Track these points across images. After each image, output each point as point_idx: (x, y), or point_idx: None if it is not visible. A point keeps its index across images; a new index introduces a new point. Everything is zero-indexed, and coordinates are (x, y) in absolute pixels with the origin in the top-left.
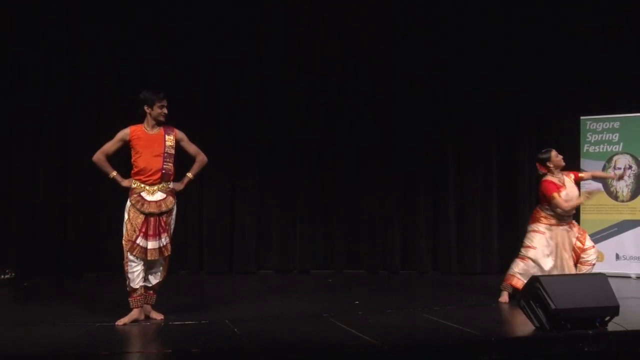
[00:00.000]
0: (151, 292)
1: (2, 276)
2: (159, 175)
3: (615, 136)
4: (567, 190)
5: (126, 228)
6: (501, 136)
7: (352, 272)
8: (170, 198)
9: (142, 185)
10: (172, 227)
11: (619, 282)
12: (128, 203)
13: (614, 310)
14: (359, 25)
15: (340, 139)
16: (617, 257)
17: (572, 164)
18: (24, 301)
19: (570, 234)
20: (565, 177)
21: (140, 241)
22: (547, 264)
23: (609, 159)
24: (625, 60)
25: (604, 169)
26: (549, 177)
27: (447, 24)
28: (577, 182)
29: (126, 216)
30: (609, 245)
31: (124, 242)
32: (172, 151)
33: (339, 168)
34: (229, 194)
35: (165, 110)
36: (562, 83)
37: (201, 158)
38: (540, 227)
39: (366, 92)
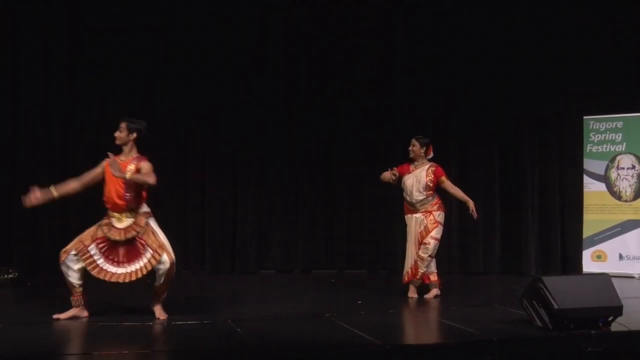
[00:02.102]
0: (156, 290)
1: (5, 276)
2: (122, 205)
3: (619, 136)
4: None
5: (88, 232)
6: (502, 136)
7: (353, 272)
8: (138, 220)
9: (112, 213)
10: (160, 235)
11: (622, 282)
12: (102, 221)
13: (617, 311)
14: (360, 27)
15: (341, 139)
16: (621, 257)
17: (575, 164)
18: (26, 301)
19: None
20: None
21: (94, 252)
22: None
23: (612, 159)
24: (628, 60)
25: (607, 169)
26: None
27: (448, 24)
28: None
29: (95, 226)
30: (612, 245)
31: (73, 241)
32: (132, 184)
33: (340, 168)
34: (230, 194)
35: (116, 133)
36: (564, 82)
37: (150, 178)
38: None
39: (367, 92)
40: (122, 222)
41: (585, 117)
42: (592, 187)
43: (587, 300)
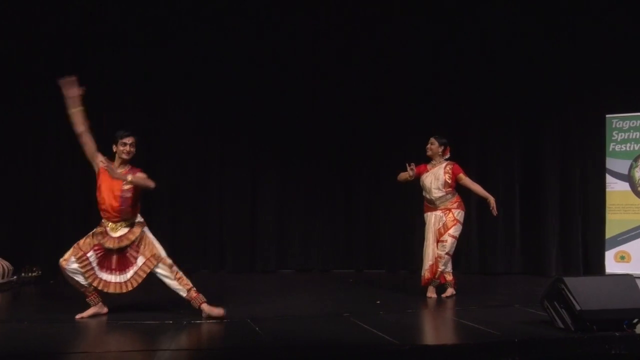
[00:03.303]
0: (191, 297)
1: (30, 274)
2: (118, 214)
3: None
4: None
5: (84, 241)
6: (523, 135)
7: (372, 271)
8: (133, 229)
9: (106, 222)
10: (154, 243)
11: None
12: (96, 229)
13: None
14: (379, 25)
15: (361, 139)
16: None
17: (597, 164)
18: (49, 298)
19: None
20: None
21: (92, 259)
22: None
23: (636, 158)
24: None
25: (631, 168)
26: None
27: (469, 22)
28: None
29: (90, 234)
30: (637, 246)
31: (73, 246)
32: (129, 195)
33: (360, 168)
34: (250, 193)
35: (127, 148)
36: (586, 81)
37: (150, 182)
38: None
39: (387, 93)
40: (117, 232)
41: (608, 116)
42: (615, 187)
43: (610, 302)
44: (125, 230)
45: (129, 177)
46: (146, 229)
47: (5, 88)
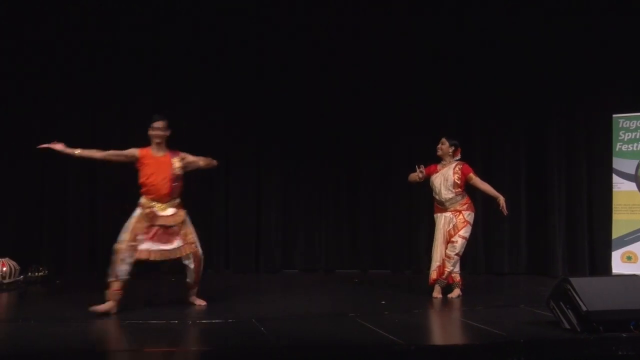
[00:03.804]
0: (189, 286)
1: (36, 274)
2: (168, 195)
3: None
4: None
5: (129, 229)
6: (529, 135)
7: (377, 271)
8: (180, 212)
9: (153, 202)
10: (193, 232)
11: None
12: (138, 212)
13: None
14: (384, 26)
15: (367, 139)
16: None
17: (604, 164)
18: (56, 298)
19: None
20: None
21: (138, 239)
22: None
23: None
24: None
25: (638, 167)
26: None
27: (475, 22)
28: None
29: (132, 221)
30: None
31: (119, 239)
32: (180, 172)
33: (364, 168)
34: (255, 193)
35: (158, 132)
36: (593, 81)
37: (209, 161)
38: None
39: (392, 92)
40: (166, 211)
41: (614, 116)
42: (621, 187)
43: (617, 302)
44: (173, 210)
45: (215, 162)
46: (186, 215)
47: (10, 89)
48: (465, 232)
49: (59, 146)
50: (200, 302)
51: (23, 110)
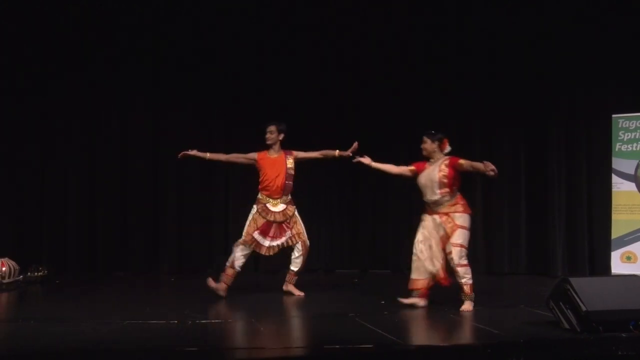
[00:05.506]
0: (292, 274)
1: (36, 273)
2: (281, 191)
3: None
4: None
5: (249, 225)
6: (529, 135)
7: (377, 272)
8: (290, 207)
9: (267, 198)
10: (301, 224)
11: None
12: (254, 210)
13: None
14: (384, 26)
15: (367, 138)
16: None
17: (603, 164)
18: (55, 298)
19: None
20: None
21: (257, 237)
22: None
23: None
24: None
25: (637, 168)
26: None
27: (475, 21)
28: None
29: (250, 217)
30: None
31: (243, 234)
32: (292, 172)
33: (365, 168)
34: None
35: (267, 135)
36: (593, 80)
37: (326, 152)
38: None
39: (391, 91)
40: (277, 206)
41: (614, 116)
42: (621, 187)
43: (617, 302)
44: (283, 206)
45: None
46: (295, 209)
47: (11, 89)
48: (456, 238)
49: (193, 152)
50: (299, 293)
51: (23, 111)
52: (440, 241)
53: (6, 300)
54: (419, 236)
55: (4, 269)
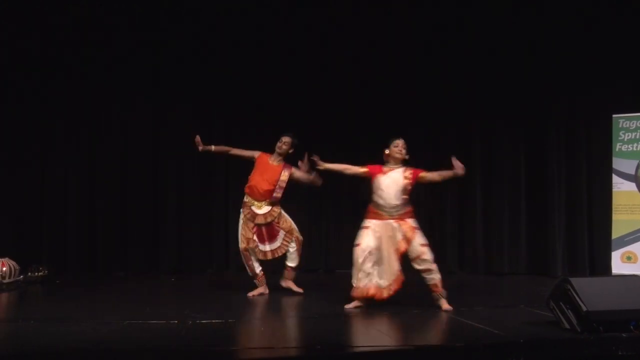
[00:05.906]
0: (289, 269)
1: (36, 274)
2: (263, 198)
3: None
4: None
5: (242, 230)
6: (529, 135)
7: None
8: (275, 208)
9: (252, 201)
10: (290, 220)
11: None
12: (241, 215)
13: None
14: (383, 26)
15: (365, 138)
16: None
17: (603, 164)
18: (55, 298)
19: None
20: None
21: (255, 243)
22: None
23: None
24: None
25: (638, 168)
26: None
27: (475, 21)
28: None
29: (241, 222)
30: None
31: (240, 241)
32: (284, 185)
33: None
34: None
35: (280, 145)
36: (593, 80)
37: (314, 179)
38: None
39: (390, 91)
40: (262, 209)
41: (614, 116)
42: (621, 187)
43: (617, 302)
44: (268, 208)
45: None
46: (281, 208)
47: (11, 88)
48: (420, 239)
49: (201, 147)
50: (298, 289)
51: (23, 111)
52: (395, 250)
53: (6, 300)
54: (365, 245)
55: (4, 269)
